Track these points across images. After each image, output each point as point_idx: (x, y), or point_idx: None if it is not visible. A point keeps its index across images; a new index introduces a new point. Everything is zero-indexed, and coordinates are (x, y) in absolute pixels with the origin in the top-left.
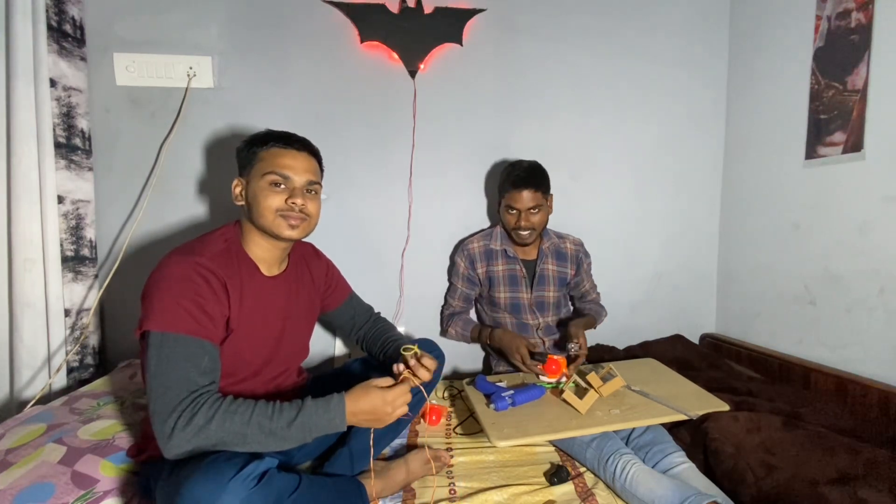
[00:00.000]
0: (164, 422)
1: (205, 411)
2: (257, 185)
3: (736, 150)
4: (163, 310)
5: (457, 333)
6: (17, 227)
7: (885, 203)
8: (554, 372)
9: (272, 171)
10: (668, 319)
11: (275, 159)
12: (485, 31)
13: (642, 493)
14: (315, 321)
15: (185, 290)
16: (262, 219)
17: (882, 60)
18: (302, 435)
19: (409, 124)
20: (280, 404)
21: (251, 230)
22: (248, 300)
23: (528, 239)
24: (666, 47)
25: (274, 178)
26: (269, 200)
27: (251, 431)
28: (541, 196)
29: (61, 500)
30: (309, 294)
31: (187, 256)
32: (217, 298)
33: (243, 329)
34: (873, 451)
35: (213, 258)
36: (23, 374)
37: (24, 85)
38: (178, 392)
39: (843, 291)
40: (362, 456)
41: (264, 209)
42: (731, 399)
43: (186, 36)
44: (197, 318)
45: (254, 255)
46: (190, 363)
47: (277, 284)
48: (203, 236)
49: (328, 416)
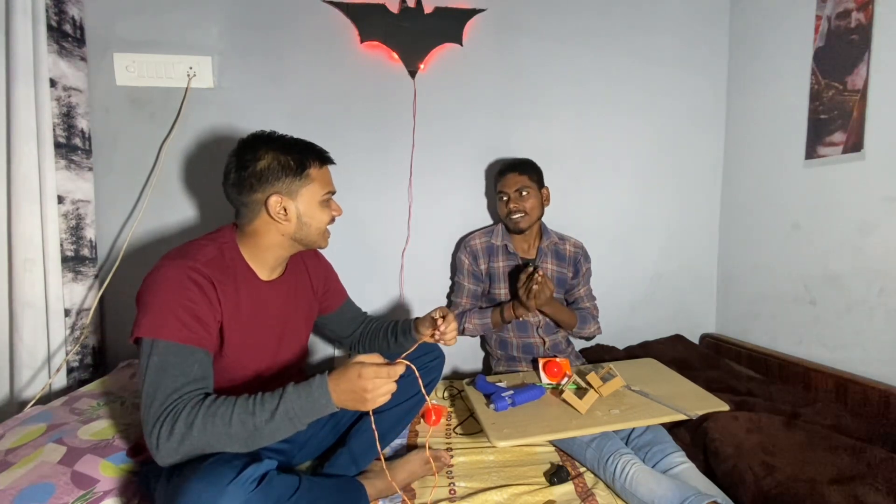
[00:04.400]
0: (150, 433)
1: (184, 418)
2: (312, 204)
3: (736, 150)
4: (154, 316)
5: (475, 326)
6: (17, 227)
7: (885, 203)
8: (555, 375)
9: (329, 191)
10: (667, 319)
11: (325, 177)
12: (485, 31)
13: (642, 493)
14: (313, 323)
15: (176, 296)
16: (313, 234)
17: (882, 60)
18: (290, 423)
19: (409, 124)
20: (261, 396)
21: (265, 238)
22: (244, 305)
23: (521, 224)
24: (666, 47)
25: (328, 199)
26: (325, 217)
27: (235, 430)
28: (527, 179)
29: (61, 500)
30: (307, 296)
31: (180, 261)
32: (209, 304)
33: (241, 334)
34: (873, 451)
35: (207, 263)
36: (23, 374)
37: (24, 85)
38: (163, 401)
39: (843, 291)
40: (362, 456)
41: (321, 224)
42: (731, 399)
43: (186, 36)
44: (188, 324)
45: (251, 260)
46: (180, 371)
47: (275, 288)
48: (196, 240)
49: (311, 399)
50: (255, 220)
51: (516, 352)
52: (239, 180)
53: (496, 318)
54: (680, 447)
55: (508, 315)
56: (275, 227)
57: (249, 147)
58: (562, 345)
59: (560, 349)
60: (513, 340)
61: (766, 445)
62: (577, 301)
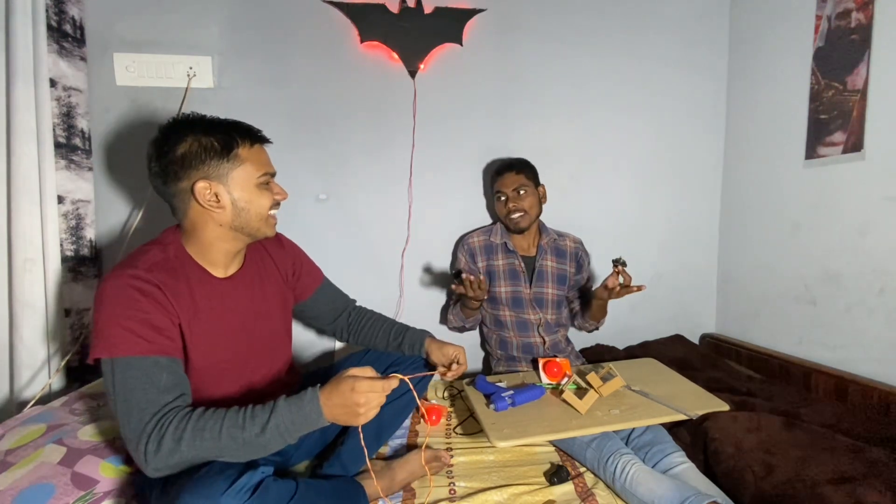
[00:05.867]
0: (136, 449)
1: (172, 432)
2: (246, 188)
3: (736, 150)
4: (106, 335)
5: (453, 316)
6: (17, 227)
7: (885, 203)
8: (555, 375)
9: (266, 171)
10: (668, 319)
11: (260, 157)
12: (485, 31)
13: (642, 493)
14: (290, 313)
15: (125, 309)
16: (254, 221)
17: (882, 60)
18: (280, 438)
19: (409, 124)
20: (252, 409)
21: (204, 232)
22: (202, 305)
23: (521, 223)
24: (666, 47)
25: (266, 180)
26: (264, 201)
27: (224, 444)
28: (524, 178)
29: (61, 500)
30: (276, 287)
31: (119, 272)
32: (161, 309)
33: (204, 335)
34: (873, 451)
35: (150, 268)
36: (23, 375)
37: (24, 85)
38: (142, 416)
39: (843, 291)
40: (361, 456)
41: (261, 209)
42: (731, 399)
43: (186, 36)
44: (143, 335)
45: (200, 258)
46: (148, 384)
47: (234, 284)
48: (140, 247)
49: (302, 414)
50: (189, 211)
51: (516, 352)
52: (161, 169)
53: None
54: (680, 447)
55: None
56: (210, 217)
57: (170, 132)
58: (561, 344)
59: (560, 349)
60: (513, 340)
61: (766, 445)
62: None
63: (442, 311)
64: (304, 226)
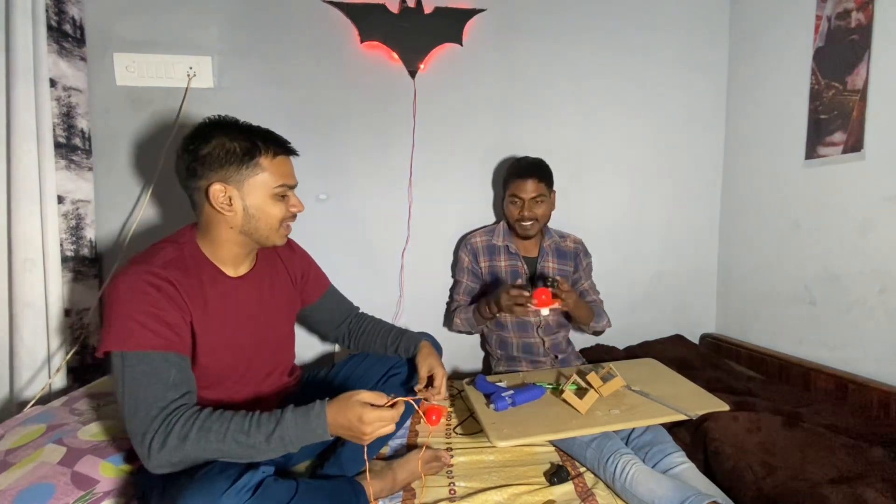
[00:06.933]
0: (140, 443)
1: (178, 430)
2: (261, 196)
3: (736, 150)
4: (118, 328)
5: (462, 321)
6: (17, 227)
7: (885, 203)
8: (544, 302)
9: (285, 183)
10: (668, 319)
11: (282, 168)
12: (485, 31)
13: (642, 493)
14: (295, 316)
15: (138, 304)
16: (263, 230)
17: (882, 60)
18: (283, 447)
19: (409, 124)
20: (258, 417)
21: (217, 231)
22: (213, 303)
23: (530, 231)
24: (666, 47)
25: (284, 192)
26: (276, 212)
27: (228, 447)
28: (544, 187)
29: (61, 500)
30: (285, 289)
31: (135, 267)
32: (174, 305)
33: (214, 333)
34: (873, 451)
35: (165, 265)
36: (23, 375)
37: (24, 85)
38: (148, 411)
39: (843, 291)
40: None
41: (272, 219)
42: (731, 399)
43: (186, 36)
44: (155, 330)
45: (213, 257)
46: (156, 379)
47: (247, 284)
48: (155, 244)
49: (309, 428)
50: (203, 210)
51: (516, 352)
52: (184, 165)
53: (478, 317)
54: (680, 447)
55: (485, 311)
56: (222, 219)
57: (201, 130)
58: (562, 344)
59: (560, 349)
60: (513, 340)
61: (766, 445)
62: (583, 294)
63: (445, 316)
64: (304, 226)
